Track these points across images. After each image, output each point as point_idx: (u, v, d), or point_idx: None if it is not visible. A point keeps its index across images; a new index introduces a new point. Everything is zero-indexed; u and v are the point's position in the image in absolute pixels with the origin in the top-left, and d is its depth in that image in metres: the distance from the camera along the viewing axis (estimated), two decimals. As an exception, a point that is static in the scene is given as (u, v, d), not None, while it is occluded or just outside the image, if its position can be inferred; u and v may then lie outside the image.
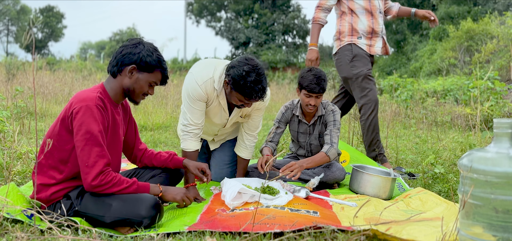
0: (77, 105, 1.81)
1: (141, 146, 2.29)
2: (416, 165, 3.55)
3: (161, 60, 1.97)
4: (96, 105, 1.82)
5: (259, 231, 1.69)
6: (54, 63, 19.42)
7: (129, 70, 1.93)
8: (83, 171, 1.81)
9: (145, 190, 1.94)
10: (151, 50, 1.95)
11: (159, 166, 2.30)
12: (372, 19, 3.43)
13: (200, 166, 2.30)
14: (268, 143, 2.98)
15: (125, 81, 1.96)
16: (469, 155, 1.51)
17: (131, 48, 1.93)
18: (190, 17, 33.10)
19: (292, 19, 30.05)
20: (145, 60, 1.92)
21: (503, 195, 1.39)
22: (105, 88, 1.97)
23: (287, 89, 13.94)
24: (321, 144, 3.00)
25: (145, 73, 1.95)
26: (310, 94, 2.75)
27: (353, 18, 3.44)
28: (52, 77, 10.06)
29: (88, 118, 1.80)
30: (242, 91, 2.27)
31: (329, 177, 2.80)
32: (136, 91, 1.98)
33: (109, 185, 1.83)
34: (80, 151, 1.80)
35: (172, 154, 2.31)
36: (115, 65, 1.94)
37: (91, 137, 1.79)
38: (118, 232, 1.82)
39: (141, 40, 1.98)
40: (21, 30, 37.03)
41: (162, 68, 1.98)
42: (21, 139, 3.85)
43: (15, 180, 2.66)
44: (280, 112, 3.05)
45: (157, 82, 2.01)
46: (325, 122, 2.95)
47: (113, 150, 2.00)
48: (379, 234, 1.69)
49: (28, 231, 1.72)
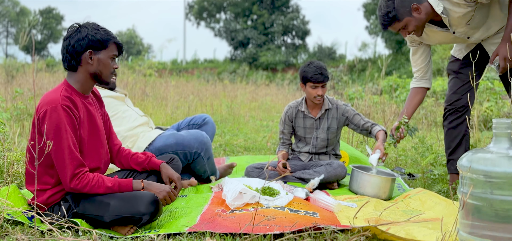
0: (42, 110, 1.78)
1: (116, 141, 2.22)
2: (415, 165, 3.55)
3: (108, 32, 1.94)
4: (61, 105, 1.78)
5: (259, 232, 1.70)
6: (54, 65, 19.40)
7: (87, 56, 1.89)
8: (60, 175, 1.80)
9: (128, 187, 1.90)
10: (95, 27, 1.92)
11: (135, 168, 2.22)
12: None
13: (171, 176, 2.15)
14: (280, 146, 3.14)
15: (89, 68, 1.91)
16: (468, 155, 1.51)
17: (76, 35, 1.89)
18: (190, 19, 33.12)
19: (291, 20, 30.05)
20: (96, 39, 1.89)
21: (502, 195, 1.40)
22: (70, 84, 1.92)
23: (287, 90, 13.94)
24: (327, 138, 3.04)
25: (103, 51, 1.92)
26: (316, 84, 2.88)
27: None
28: (52, 79, 10.05)
29: (54, 121, 1.76)
30: None
31: (331, 173, 2.81)
32: (104, 72, 1.94)
33: (87, 187, 1.81)
34: (52, 156, 1.79)
35: (149, 156, 2.22)
36: (71, 59, 1.90)
37: (60, 140, 1.77)
38: (118, 233, 1.83)
39: (79, 24, 1.94)
40: (21, 32, 36.96)
41: (113, 38, 1.95)
42: (21, 141, 3.85)
43: (15, 183, 2.66)
44: (283, 113, 3.13)
45: (116, 54, 1.98)
46: (342, 117, 3.03)
47: (96, 141, 1.97)
48: (378, 233, 1.69)
49: (28, 233, 1.72)
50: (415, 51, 2.70)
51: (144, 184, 1.96)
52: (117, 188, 1.88)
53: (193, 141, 2.65)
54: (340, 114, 3.02)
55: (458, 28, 2.41)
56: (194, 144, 2.64)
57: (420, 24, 2.36)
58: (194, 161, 2.67)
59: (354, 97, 8.01)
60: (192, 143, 2.64)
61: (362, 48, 25.91)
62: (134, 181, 1.94)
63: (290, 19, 30.06)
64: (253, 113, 8.34)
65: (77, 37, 1.89)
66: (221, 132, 5.88)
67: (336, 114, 3.02)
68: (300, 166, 3.07)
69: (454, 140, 2.68)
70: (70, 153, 1.78)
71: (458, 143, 2.67)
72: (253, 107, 9.18)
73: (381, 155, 2.63)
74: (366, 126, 2.93)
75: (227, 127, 6.51)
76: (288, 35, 31.08)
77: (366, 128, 2.92)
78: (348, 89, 8.75)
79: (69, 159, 1.77)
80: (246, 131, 5.97)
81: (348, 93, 8.30)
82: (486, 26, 2.41)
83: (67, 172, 1.77)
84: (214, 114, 7.89)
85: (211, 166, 2.80)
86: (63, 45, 1.92)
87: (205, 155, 2.68)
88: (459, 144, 2.67)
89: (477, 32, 2.44)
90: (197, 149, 2.64)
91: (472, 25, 2.39)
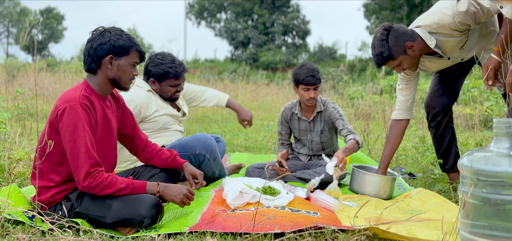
0: (62, 107, 1.79)
1: (143, 136, 2.23)
2: (416, 165, 3.55)
3: (131, 38, 1.95)
4: (80, 104, 1.79)
5: (260, 232, 1.70)
6: (55, 65, 19.40)
7: (107, 61, 1.90)
8: (74, 173, 1.80)
9: (141, 190, 1.88)
10: (119, 32, 1.93)
11: (159, 163, 2.26)
12: None
13: (194, 173, 2.24)
14: (280, 147, 3.17)
15: (108, 73, 1.92)
16: (469, 154, 1.51)
17: (99, 39, 1.90)
18: (190, 18, 33.12)
19: (291, 19, 30.05)
20: (119, 45, 1.90)
21: (503, 195, 1.40)
22: (89, 85, 1.93)
23: (287, 90, 13.93)
24: (321, 141, 3.03)
25: (123, 58, 1.93)
26: (308, 87, 2.85)
27: None
28: (53, 78, 10.05)
29: (72, 119, 1.77)
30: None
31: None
32: (123, 79, 1.95)
33: (101, 186, 1.80)
34: (68, 153, 1.79)
35: (174, 154, 2.27)
36: (91, 62, 1.91)
37: (77, 138, 1.77)
38: (119, 233, 1.83)
39: (104, 28, 1.95)
40: (22, 31, 37.00)
41: (136, 45, 1.96)
42: (22, 140, 3.85)
43: (16, 182, 2.66)
44: (280, 114, 3.14)
45: (138, 61, 1.99)
46: (329, 119, 2.99)
47: (107, 145, 1.97)
48: (379, 233, 1.69)
49: (29, 233, 1.72)
50: (406, 85, 2.64)
51: (159, 187, 1.94)
52: (129, 190, 1.86)
53: (196, 143, 2.65)
54: (328, 117, 3.01)
55: (453, 54, 2.42)
56: (198, 146, 2.65)
57: (414, 61, 2.36)
58: (200, 164, 2.67)
59: (354, 97, 8.01)
60: (195, 145, 2.64)
61: (362, 48, 25.90)
62: (148, 183, 1.92)
63: (291, 19, 30.06)
64: (254, 113, 8.34)
65: (99, 41, 1.90)
66: (222, 131, 5.88)
67: (326, 116, 3.01)
68: (301, 166, 3.07)
69: (443, 141, 2.72)
70: (86, 151, 1.77)
71: (447, 144, 2.71)
72: (253, 107, 9.19)
73: (338, 162, 2.55)
74: (343, 133, 2.89)
75: (227, 126, 6.51)
76: (289, 35, 31.08)
77: (343, 134, 2.89)
78: (349, 89, 8.75)
79: (86, 157, 1.77)
80: (246, 131, 5.98)
81: (348, 93, 8.30)
82: (479, 44, 2.41)
83: (82, 170, 1.77)
84: (214, 114, 7.90)
85: (219, 167, 2.80)
86: (86, 47, 1.93)
87: (211, 156, 2.69)
88: (449, 144, 2.71)
89: (470, 52, 2.45)
90: (201, 150, 2.64)
91: (466, 48, 2.40)
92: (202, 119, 7.33)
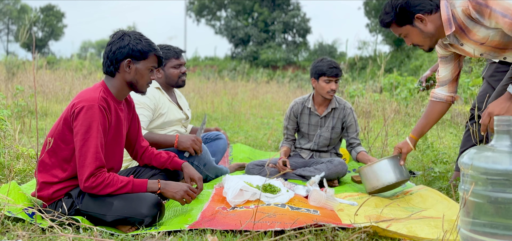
0: (80, 105, 1.80)
1: (144, 143, 2.26)
2: (416, 163, 3.55)
3: (150, 43, 1.97)
4: (99, 105, 1.81)
5: (260, 229, 1.70)
6: (55, 62, 19.41)
7: (125, 64, 1.92)
8: (79, 171, 1.81)
9: (142, 188, 1.90)
10: (138, 37, 1.95)
11: (158, 166, 2.27)
12: None
13: (193, 176, 2.18)
14: (284, 142, 3.16)
15: (126, 76, 1.95)
16: (470, 152, 1.51)
17: (119, 42, 1.92)
18: (190, 16, 33.09)
19: (291, 17, 30.03)
20: (137, 49, 1.92)
21: (503, 193, 1.39)
22: (107, 86, 1.96)
23: (287, 88, 13.93)
24: (331, 137, 3.06)
25: (142, 62, 1.95)
26: (330, 78, 2.91)
27: None
28: (53, 76, 10.05)
29: (89, 118, 1.79)
30: None
31: (331, 171, 2.81)
32: (140, 82, 1.97)
33: (101, 186, 1.81)
34: (77, 151, 1.80)
35: (171, 156, 2.27)
36: (110, 64, 1.93)
37: (90, 138, 1.78)
38: (119, 231, 1.83)
39: (124, 31, 1.97)
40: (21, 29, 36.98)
41: (155, 50, 1.97)
42: (22, 138, 3.85)
43: (16, 179, 2.66)
44: (288, 108, 3.15)
45: (155, 65, 2.00)
46: (344, 119, 3.05)
47: (116, 146, 1.99)
48: (379, 231, 1.69)
49: (29, 230, 1.72)
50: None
51: (160, 185, 1.96)
52: (130, 187, 1.87)
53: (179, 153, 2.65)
54: (343, 116, 3.04)
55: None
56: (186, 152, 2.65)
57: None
58: None
59: (354, 95, 8.00)
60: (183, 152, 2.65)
61: (361, 47, 25.90)
62: (149, 182, 1.94)
63: (291, 16, 30.04)
64: (254, 111, 8.33)
65: (119, 44, 1.92)
66: (222, 129, 5.87)
67: (341, 116, 3.04)
68: (301, 163, 3.07)
69: (470, 141, 2.61)
70: (95, 152, 1.79)
71: (473, 145, 2.54)
72: (253, 105, 9.18)
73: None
74: (352, 140, 2.99)
75: (228, 124, 6.51)
76: (289, 33, 31.07)
77: (351, 143, 3.00)
78: (349, 87, 8.75)
79: (93, 158, 1.78)
80: (247, 129, 5.97)
81: (348, 91, 8.29)
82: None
83: (87, 170, 1.78)
84: (214, 112, 7.89)
85: (211, 170, 2.79)
86: (105, 50, 1.96)
87: (200, 163, 2.69)
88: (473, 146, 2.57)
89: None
90: (191, 159, 2.64)
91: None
92: (201, 117, 7.33)
